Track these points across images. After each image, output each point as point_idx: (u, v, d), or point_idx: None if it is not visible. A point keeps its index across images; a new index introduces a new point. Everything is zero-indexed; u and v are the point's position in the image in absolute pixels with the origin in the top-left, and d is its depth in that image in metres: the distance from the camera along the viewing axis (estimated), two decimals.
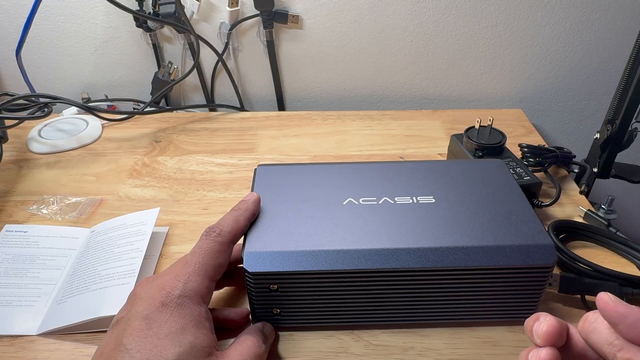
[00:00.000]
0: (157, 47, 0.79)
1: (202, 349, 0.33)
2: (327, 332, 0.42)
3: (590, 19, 0.76)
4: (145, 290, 0.35)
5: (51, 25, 0.77)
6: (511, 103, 0.85)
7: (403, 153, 0.68)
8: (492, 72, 0.82)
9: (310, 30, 0.78)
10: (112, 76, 0.83)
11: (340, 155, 0.67)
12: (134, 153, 0.68)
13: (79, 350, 0.41)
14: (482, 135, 0.59)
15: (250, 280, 0.38)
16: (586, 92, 0.84)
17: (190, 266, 0.36)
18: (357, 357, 0.40)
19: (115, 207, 0.57)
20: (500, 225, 0.40)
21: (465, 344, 0.41)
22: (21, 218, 0.56)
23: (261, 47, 0.79)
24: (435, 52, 0.80)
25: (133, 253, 0.46)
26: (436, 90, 0.84)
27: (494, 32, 0.78)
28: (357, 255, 0.37)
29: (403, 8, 0.75)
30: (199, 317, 0.34)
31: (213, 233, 0.38)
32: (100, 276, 0.45)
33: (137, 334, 0.32)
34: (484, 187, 0.44)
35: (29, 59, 0.79)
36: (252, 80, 0.83)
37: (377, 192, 0.43)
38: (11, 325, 0.43)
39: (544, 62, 0.81)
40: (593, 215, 0.54)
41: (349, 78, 0.83)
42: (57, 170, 0.64)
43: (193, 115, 0.78)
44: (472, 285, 0.39)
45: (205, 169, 0.64)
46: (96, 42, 0.79)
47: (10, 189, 0.61)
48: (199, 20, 0.77)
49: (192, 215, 0.56)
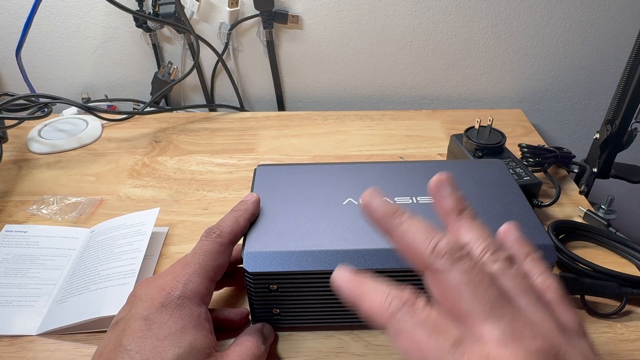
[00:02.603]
0: (157, 47, 0.79)
1: (202, 349, 0.33)
2: (327, 332, 0.42)
3: (590, 19, 0.76)
4: (145, 291, 0.35)
5: (51, 25, 0.77)
6: (511, 103, 0.85)
7: (403, 153, 0.68)
8: (492, 72, 0.82)
9: (310, 30, 0.78)
10: (112, 76, 0.83)
11: (340, 156, 0.67)
12: (134, 153, 0.68)
13: (79, 350, 0.41)
14: (482, 136, 0.59)
15: (250, 280, 0.38)
16: (586, 92, 0.84)
17: (190, 267, 0.36)
18: (357, 357, 0.40)
19: (115, 207, 0.57)
20: (500, 225, 0.40)
21: None
22: (21, 218, 0.56)
23: (261, 47, 0.79)
24: (435, 52, 0.80)
25: (133, 253, 0.46)
26: (436, 90, 0.84)
27: (494, 32, 0.78)
28: (357, 255, 0.37)
29: (403, 8, 0.75)
30: (199, 318, 0.34)
31: (213, 234, 0.38)
32: (100, 276, 0.45)
33: (137, 335, 0.32)
34: (483, 187, 0.44)
35: (29, 59, 0.79)
36: (252, 80, 0.83)
37: None
38: (11, 325, 0.43)
39: (544, 62, 0.81)
40: (593, 215, 0.54)
41: (348, 78, 0.83)
42: (57, 171, 0.64)
43: (193, 115, 0.78)
44: None
45: (205, 169, 0.64)
46: (96, 42, 0.79)
47: (10, 189, 0.61)
48: (198, 20, 0.77)
49: (192, 216, 0.56)
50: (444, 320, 0.24)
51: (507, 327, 0.22)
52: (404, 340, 0.24)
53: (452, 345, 0.22)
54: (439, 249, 0.25)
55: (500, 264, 0.25)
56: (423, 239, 0.26)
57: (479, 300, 0.23)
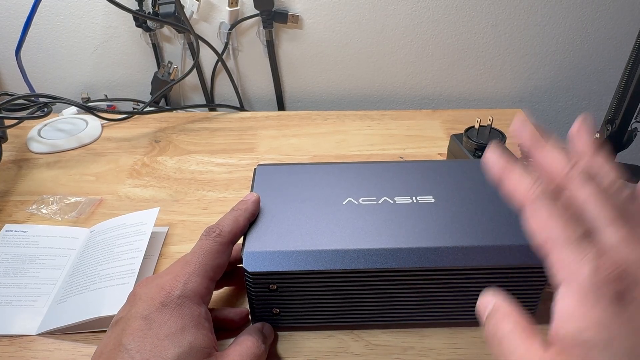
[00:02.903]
0: (157, 47, 0.79)
1: (202, 349, 0.33)
2: (327, 332, 0.42)
3: (590, 19, 0.76)
4: (145, 290, 0.35)
5: (51, 25, 0.77)
6: (511, 103, 0.85)
7: (403, 153, 0.68)
8: (492, 72, 0.82)
9: (310, 30, 0.77)
10: (112, 76, 0.82)
11: (340, 155, 0.67)
12: (134, 153, 0.68)
13: (79, 350, 0.41)
14: (482, 135, 0.59)
15: (250, 280, 0.38)
16: (586, 92, 0.84)
17: (190, 266, 0.36)
18: (357, 357, 0.40)
19: (115, 207, 0.57)
20: (500, 225, 0.40)
21: (465, 344, 0.41)
22: (21, 218, 0.56)
23: (261, 47, 0.79)
24: (435, 52, 0.80)
25: (133, 253, 0.46)
26: (436, 90, 0.84)
27: (494, 32, 0.78)
28: (356, 255, 0.37)
29: (403, 8, 0.75)
30: (199, 318, 0.34)
31: (213, 233, 0.38)
32: (100, 276, 0.45)
33: (137, 334, 0.32)
34: (483, 187, 0.44)
35: (29, 59, 0.79)
36: (252, 80, 0.83)
37: (376, 192, 0.43)
38: (11, 325, 0.43)
39: (544, 62, 0.81)
40: None
41: (348, 78, 0.82)
42: (57, 170, 0.64)
43: (193, 115, 0.78)
44: (471, 285, 0.39)
45: (205, 169, 0.64)
46: (96, 41, 0.79)
47: (10, 188, 0.61)
48: (198, 20, 0.77)
49: (191, 215, 0.56)
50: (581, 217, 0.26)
51: (630, 231, 0.25)
52: (538, 221, 0.26)
53: (581, 234, 0.25)
54: (574, 171, 0.28)
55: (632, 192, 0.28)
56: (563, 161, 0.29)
57: (607, 209, 0.25)
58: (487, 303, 0.27)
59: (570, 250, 0.24)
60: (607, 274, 0.23)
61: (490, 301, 0.27)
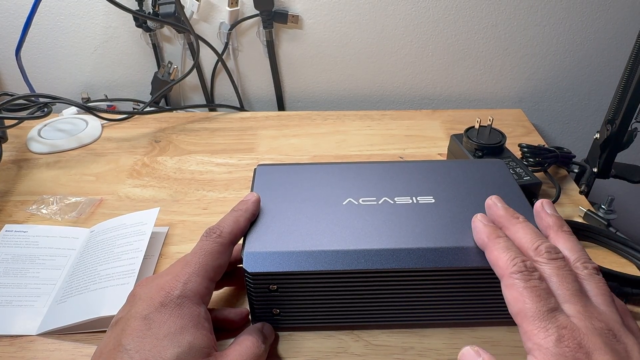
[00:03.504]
0: (157, 47, 0.79)
1: (201, 349, 0.33)
2: (327, 332, 0.41)
3: (590, 19, 0.76)
4: (145, 290, 0.35)
5: (51, 25, 0.77)
6: (511, 103, 0.85)
7: (403, 153, 0.68)
8: (492, 72, 0.82)
9: (310, 30, 0.78)
10: (112, 76, 0.83)
11: (340, 155, 0.67)
12: (134, 153, 0.68)
13: (79, 350, 0.41)
14: (482, 135, 0.59)
15: (250, 280, 0.38)
16: (586, 92, 0.84)
17: (190, 267, 0.36)
18: (357, 357, 0.40)
19: (115, 207, 0.57)
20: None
21: (465, 344, 0.41)
22: (21, 218, 0.56)
23: (261, 47, 0.79)
24: (435, 52, 0.80)
25: (133, 253, 0.46)
26: (436, 90, 0.84)
27: (494, 32, 0.78)
28: (356, 256, 0.37)
29: (403, 8, 0.75)
30: (198, 318, 0.34)
31: (213, 234, 0.38)
32: (100, 276, 0.45)
33: (136, 334, 0.32)
34: (484, 187, 0.44)
35: (29, 59, 0.79)
36: (252, 80, 0.83)
37: (376, 192, 0.43)
38: (11, 325, 0.43)
39: (544, 62, 0.81)
40: (593, 215, 0.54)
41: (348, 78, 0.83)
42: (57, 170, 0.64)
43: (193, 115, 0.78)
44: (472, 286, 0.39)
45: (205, 169, 0.64)
46: (96, 42, 0.79)
47: (10, 189, 0.61)
48: (198, 20, 0.77)
49: (191, 215, 0.56)
50: (548, 292, 0.30)
51: (582, 309, 0.29)
52: (513, 293, 0.31)
53: (548, 310, 0.29)
54: (541, 249, 0.33)
55: (588, 271, 0.32)
56: (532, 238, 0.34)
57: (564, 286, 0.30)
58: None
59: (536, 324, 0.29)
60: (566, 344, 0.28)
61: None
